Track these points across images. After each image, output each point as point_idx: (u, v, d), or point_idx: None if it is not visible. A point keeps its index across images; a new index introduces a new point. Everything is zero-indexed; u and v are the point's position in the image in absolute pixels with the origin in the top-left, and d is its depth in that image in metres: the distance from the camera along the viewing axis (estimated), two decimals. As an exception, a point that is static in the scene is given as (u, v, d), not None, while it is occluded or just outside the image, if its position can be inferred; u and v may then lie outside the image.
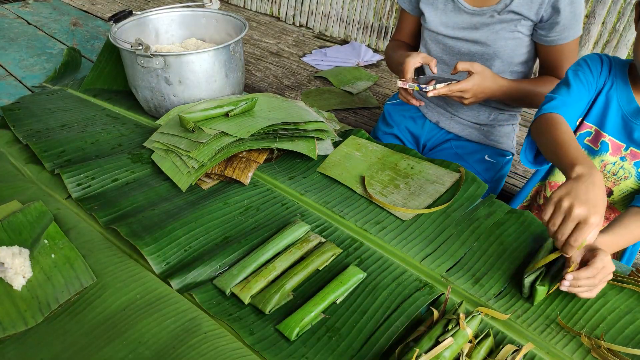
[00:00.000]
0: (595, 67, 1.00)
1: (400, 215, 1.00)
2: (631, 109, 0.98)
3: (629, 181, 1.01)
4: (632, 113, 0.98)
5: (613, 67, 1.00)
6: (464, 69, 1.12)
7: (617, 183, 1.02)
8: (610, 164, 1.01)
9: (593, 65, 1.01)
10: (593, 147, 1.03)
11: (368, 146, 1.20)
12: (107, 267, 0.84)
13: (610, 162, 1.01)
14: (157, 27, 1.47)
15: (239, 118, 1.15)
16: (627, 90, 0.98)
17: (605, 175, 1.03)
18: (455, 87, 1.11)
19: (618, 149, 1.00)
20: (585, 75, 1.00)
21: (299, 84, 2.57)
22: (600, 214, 0.70)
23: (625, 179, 1.01)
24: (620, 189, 1.02)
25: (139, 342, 0.72)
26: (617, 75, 1.00)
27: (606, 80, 1.00)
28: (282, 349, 0.75)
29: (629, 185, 1.01)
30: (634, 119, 0.97)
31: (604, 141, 1.01)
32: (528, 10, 1.15)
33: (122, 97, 1.46)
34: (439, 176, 1.09)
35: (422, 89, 1.10)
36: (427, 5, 1.28)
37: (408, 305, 0.81)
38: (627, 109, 0.98)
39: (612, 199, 1.04)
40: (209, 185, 1.09)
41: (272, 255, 0.89)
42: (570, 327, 0.78)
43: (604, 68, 1.01)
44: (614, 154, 1.01)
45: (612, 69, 1.00)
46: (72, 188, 1.04)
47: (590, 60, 1.02)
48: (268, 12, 3.62)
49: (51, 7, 2.30)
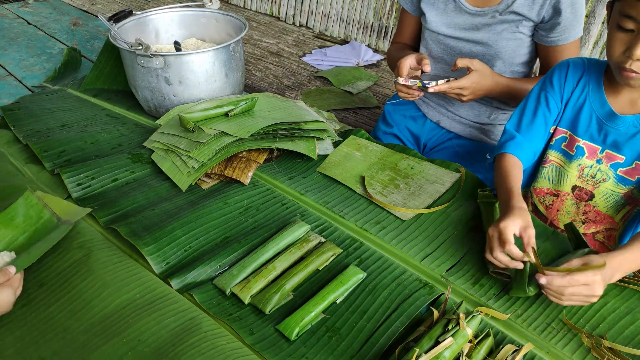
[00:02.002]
0: (559, 79, 1.03)
1: (400, 215, 1.00)
2: (604, 112, 0.98)
3: (608, 183, 1.01)
4: (606, 116, 0.98)
5: (586, 72, 1.01)
6: (463, 65, 1.12)
7: (596, 186, 1.02)
8: (587, 167, 1.02)
9: (557, 80, 1.04)
10: (569, 152, 1.04)
11: (368, 146, 1.20)
12: (107, 267, 0.84)
13: (587, 166, 1.02)
14: (157, 27, 1.47)
15: (239, 118, 1.15)
16: (600, 93, 0.99)
17: (585, 178, 1.04)
18: (455, 84, 1.12)
19: (594, 152, 1.01)
20: (549, 97, 1.04)
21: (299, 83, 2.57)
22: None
23: (604, 181, 1.01)
24: (601, 191, 1.03)
25: (138, 340, 0.72)
26: (591, 79, 1.00)
27: (575, 86, 1.01)
28: (282, 348, 0.75)
29: (609, 187, 1.01)
30: (607, 122, 0.98)
31: (578, 145, 1.02)
32: (529, 10, 1.15)
33: (122, 97, 1.46)
34: (439, 176, 1.09)
35: (424, 85, 1.11)
36: (428, 6, 1.27)
37: (408, 305, 0.81)
38: (600, 112, 0.98)
39: (595, 201, 1.04)
40: (209, 185, 1.09)
41: (272, 255, 0.89)
42: (568, 328, 0.78)
43: (569, 75, 1.02)
44: (590, 157, 1.02)
45: (585, 74, 1.01)
46: (72, 188, 1.04)
47: (558, 71, 1.04)
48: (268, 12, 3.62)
49: (51, 7, 2.30)
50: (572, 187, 1.06)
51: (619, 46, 0.86)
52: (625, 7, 0.82)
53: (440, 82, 1.11)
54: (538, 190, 1.11)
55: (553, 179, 1.08)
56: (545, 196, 1.11)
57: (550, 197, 1.10)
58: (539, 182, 1.11)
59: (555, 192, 1.09)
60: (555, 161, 1.07)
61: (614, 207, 1.04)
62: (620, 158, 0.98)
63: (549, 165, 1.08)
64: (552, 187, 1.09)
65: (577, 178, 1.05)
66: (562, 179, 1.06)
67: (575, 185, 1.05)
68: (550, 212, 1.11)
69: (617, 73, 0.90)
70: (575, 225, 0.91)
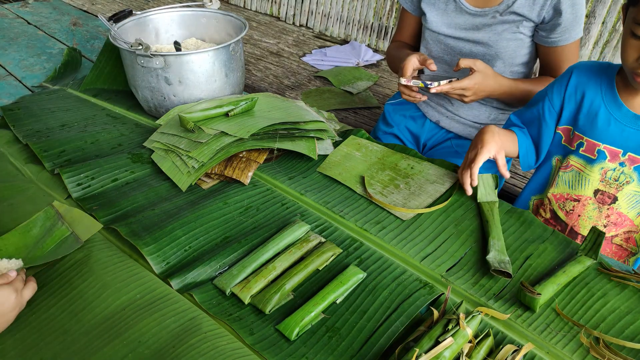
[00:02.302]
0: (560, 85, 1.06)
1: (399, 215, 1.00)
2: (622, 114, 0.98)
3: (632, 185, 1.01)
4: (625, 118, 0.98)
5: (596, 76, 1.01)
6: (466, 66, 1.12)
7: (620, 189, 1.02)
8: (610, 171, 1.02)
9: (558, 86, 1.06)
10: (590, 156, 1.03)
11: (368, 146, 1.20)
12: (107, 267, 0.84)
13: (610, 169, 1.02)
14: (157, 27, 1.47)
15: (239, 118, 1.15)
16: (614, 95, 0.99)
17: (607, 182, 1.03)
18: (457, 85, 1.12)
19: (616, 155, 1.00)
20: (547, 100, 1.07)
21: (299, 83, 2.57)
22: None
23: (627, 183, 1.01)
24: (624, 193, 1.02)
25: (138, 341, 0.72)
26: (603, 83, 1.00)
27: (583, 91, 1.02)
28: (282, 348, 0.75)
29: (633, 189, 1.01)
30: (628, 124, 0.98)
31: (599, 149, 1.02)
32: (530, 11, 1.15)
33: (122, 97, 1.46)
34: (439, 176, 1.09)
35: (426, 85, 1.10)
36: (428, 6, 1.27)
37: (408, 305, 0.81)
38: (618, 114, 0.98)
39: (618, 204, 1.04)
40: (209, 185, 1.09)
41: (272, 255, 0.89)
42: (569, 328, 0.78)
43: (572, 81, 1.04)
44: (613, 161, 1.01)
45: (596, 78, 1.01)
46: (72, 188, 1.04)
47: (562, 77, 1.07)
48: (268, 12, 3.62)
49: (51, 7, 2.30)
50: (594, 191, 1.05)
51: (633, 53, 0.87)
52: (638, 15, 0.83)
53: (442, 82, 1.11)
54: (558, 196, 1.10)
55: (572, 184, 1.08)
56: (566, 202, 1.10)
57: (570, 203, 1.09)
58: (558, 188, 1.10)
59: (576, 197, 1.08)
60: (576, 166, 1.06)
61: (637, 207, 1.04)
62: None
63: (569, 170, 1.07)
64: (572, 192, 1.08)
65: (599, 182, 1.04)
66: (583, 184, 1.06)
67: (598, 189, 1.05)
68: (571, 218, 1.10)
69: (631, 77, 0.91)
70: (599, 233, 0.88)
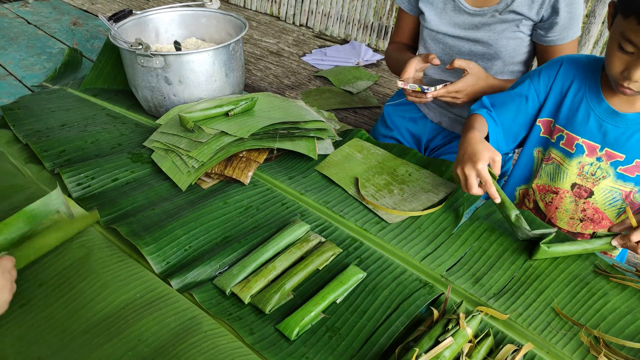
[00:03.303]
0: (548, 74, 1.06)
1: (385, 217, 0.99)
2: (602, 110, 0.98)
3: (608, 180, 1.02)
4: (605, 114, 0.98)
5: (582, 70, 1.01)
6: (460, 67, 1.12)
7: (596, 183, 1.03)
8: (587, 165, 1.03)
9: (545, 74, 1.06)
10: (569, 150, 1.04)
11: (370, 149, 1.20)
12: (107, 267, 0.84)
13: (587, 163, 1.03)
14: (157, 27, 1.47)
15: (238, 117, 1.15)
16: (597, 91, 0.99)
17: (584, 176, 1.04)
18: (452, 88, 1.12)
19: (593, 150, 1.01)
20: (531, 86, 1.07)
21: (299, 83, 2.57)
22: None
23: (604, 178, 1.02)
24: (600, 188, 1.03)
25: (138, 340, 0.72)
26: (587, 77, 1.01)
27: (569, 84, 1.02)
28: (282, 348, 0.75)
29: (608, 184, 1.02)
30: (607, 120, 0.98)
31: (578, 144, 1.02)
32: (529, 10, 1.15)
33: (122, 96, 1.46)
34: (435, 185, 1.08)
35: (423, 90, 1.10)
36: (426, 5, 1.27)
37: (408, 305, 0.81)
38: (598, 110, 0.99)
39: (594, 199, 1.05)
40: (209, 184, 1.09)
41: (272, 255, 0.89)
42: (569, 328, 0.78)
43: (561, 72, 1.04)
44: (590, 155, 1.02)
45: (581, 72, 1.01)
46: (72, 188, 1.04)
47: (550, 66, 1.06)
48: (268, 11, 3.62)
49: (51, 6, 2.30)
50: (571, 184, 1.06)
51: (618, 65, 0.87)
52: (626, 30, 0.82)
53: (438, 87, 1.11)
54: (540, 187, 1.12)
55: (553, 177, 1.09)
56: (546, 193, 1.12)
57: (550, 195, 1.11)
58: (541, 179, 1.11)
59: (555, 190, 1.09)
60: (556, 159, 1.07)
61: (613, 206, 1.04)
62: (620, 156, 0.99)
63: (550, 162, 1.08)
64: (553, 184, 1.09)
65: (577, 176, 1.05)
66: (562, 177, 1.07)
67: (575, 182, 1.06)
68: (549, 210, 1.12)
69: (614, 85, 0.92)
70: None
